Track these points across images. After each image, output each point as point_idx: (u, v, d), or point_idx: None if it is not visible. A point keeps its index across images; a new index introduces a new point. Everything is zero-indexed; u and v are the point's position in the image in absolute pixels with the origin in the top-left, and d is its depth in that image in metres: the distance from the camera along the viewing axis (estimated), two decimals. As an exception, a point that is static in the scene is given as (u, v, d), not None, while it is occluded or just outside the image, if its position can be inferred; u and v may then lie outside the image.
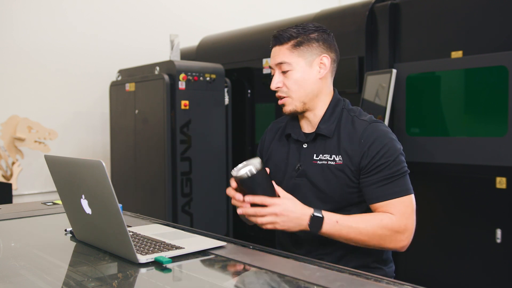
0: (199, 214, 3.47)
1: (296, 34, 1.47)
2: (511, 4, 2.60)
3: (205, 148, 3.51)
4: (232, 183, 1.37)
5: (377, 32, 3.11)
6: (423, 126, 2.97)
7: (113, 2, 4.60)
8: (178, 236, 1.42)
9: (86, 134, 4.46)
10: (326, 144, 1.47)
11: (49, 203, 2.02)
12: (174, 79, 3.37)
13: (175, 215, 3.37)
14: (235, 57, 4.10)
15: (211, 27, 4.95)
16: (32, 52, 4.10)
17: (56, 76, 4.23)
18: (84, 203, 1.26)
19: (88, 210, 1.26)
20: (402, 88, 2.99)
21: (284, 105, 1.51)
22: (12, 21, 4.01)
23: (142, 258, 1.17)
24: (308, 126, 1.54)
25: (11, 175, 3.76)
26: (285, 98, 1.49)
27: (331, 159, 1.45)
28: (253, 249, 1.32)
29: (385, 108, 2.86)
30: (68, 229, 1.53)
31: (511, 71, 2.56)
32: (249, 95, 4.02)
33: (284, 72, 1.48)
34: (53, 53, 4.21)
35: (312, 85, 1.48)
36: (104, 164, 1.12)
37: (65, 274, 1.16)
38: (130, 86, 3.70)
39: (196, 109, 3.45)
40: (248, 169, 1.28)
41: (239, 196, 1.34)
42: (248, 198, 1.31)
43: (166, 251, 1.23)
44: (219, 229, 3.55)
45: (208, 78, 3.51)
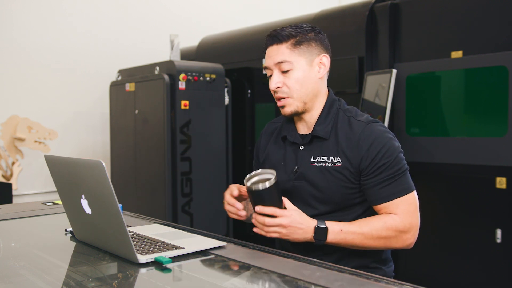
0: (199, 214, 3.47)
1: (295, 33, 1.43)
2: (511, 4, 2.60)
3: (205, 148, 3.51)
4: (235, 192, 1.41)
5: (377, 32, 3.11)
6: (423, 126, 2.97)
7: (113, 2, 4.60)
8: (178, 236, 1.42)
9: (86, 134, 4.46)
10: (323, 146, 1.46)
11: (49, 203, 2.02)
12: (174, 79, 3.37)
13: (175, 215, 3.37)
14: (235, 57, 4.10)
15: (211, 27, 4.96)
16: (32, 52, 4.10)
17: (56, 76, 4.23)
18: (84, 203, 1.26)
19: (88, 210, 1.26)
20: (402, 88, 2.99)
21: (284, 107, 1.46)
22: (12, 21, 4.01)
23: (142, 258, 1.17)
24: (304, 128, 1.52)
25: (11, 175, 3.76)
26: (286, 99, 1.45)
27: (330, 161, 1.43)
28: (253, 249, 1.32)
29: (385, 108, 2.86)
30: (68, 229, 1.53)
31: (511, 71, 2.56)
32: (249, 95, 4.02)
33: (284, 72, 1.44)
34: (53, 53, 4.21)
35: (313, 85, 1.46)
36: (104, 164, 1.12)
37: (65, 274, 1.16)
38: (130, 86, 3.70)
39: (196, 109, 3.45)
40: (268, 182, 1.29)
41: (240, 205, 1.39)
42: (259, 209, 1.31)
43: (166, 251, 1.23)
44: (219, 229, 3.55)
45: (208, 78, 3.51)
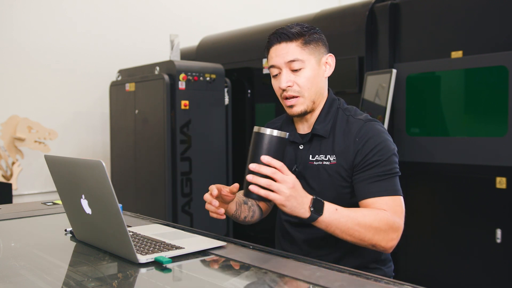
0: (199, 214, 3.47)
1: (304, 32, 1.41)
2: (511, 4, 2.60)
3: (205, 148, 3.51)
4: (214, 191, 1.32)
5: (377, 32, 3.11)
6: (423, 126, 2.97)
7: (113, 2, 4.61)
8: (178, 236, 1.42)
9: (86, 134, 4.46)
10: (322, 144, 1.46)
11: (49, 203, 2.02)
12: (174, 79, 3.37)
13: (175, 215, 3.37)
14: (235, 57, 4.10)
15: (211, 27, 4.96)
16: (32, 52, 4.10)
17: (56, 76, 4.23)
18: (84, 203, 1.26)
19: (88, 210, 1.26)
20: (402, 88, 2.99)
21: (294, 106, 1.44)
22: (12, 21, 4.01)
23: (142, 258, 1.17)
24: (304, 127, 1.52)
25: (11, 175, 3.76)
26: (298, 98, 1.42)
27: (326, 159, 1.43)
28: (253, 249, 1.32)
29: (385, 108, 2.86)
30: (68, 229, 1.53)
31: (511, 71, 2.56)
32: (249, 95, 4.02)
33: (294, 71, 1.41)
34: (53, 53, 4.21)
35: (321, 84, 1.46)
36: (104, 164, 1.12)
37: (65, 274, 1.16)
38: (130, 86, 3.70)
39: (196, 109, 3.45)
40: (282, 133, 1.22)
41: (216, 203, 1.33)
42: (266, 159, 1.19)
43: (166, 251, 1.23)
44: (219, 229, 3.55)
45: (208, 78, 3.51)
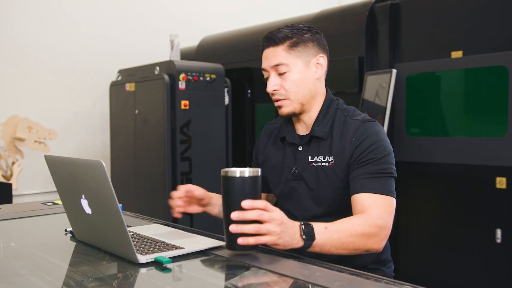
0: (199, 214, 3.43)
1: (291, 34, 1.42)
2: (511, 4, 2.60)
3: (205, 148, 3.51)
4: (180, 191, 1.42)
5: (377, 32, 3.11)
6: (423, 126, 2.97)
7: (113, 2, 4.60)
8: (178, 236, 1.42)
9: (86, 134, 4.46)
10: (320, 146, 1.46)
11: (49, 203, 2.02)
12: (174, 79, 3.37)
13: (175, 215, 3.37)
14: (235, 57, 4.10)
15: (211, 27, 4.96)
16: (32, 52, 4.10)
17: (56, 76, 4.23)
18: (84, 203, 1.26)
19: (88, 210, 1.26)
20: (402, 88, 2.99)
21: (281, 107, 1.46)
22: (12, 21, 4.01)
23: (142, 258, 1.17)
24: (303, 128, 1.52)
25: (11, 175, 3.76)
26: (283, 100, 1.45)
27: (325, 161, 1.43)
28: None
29: (385, 108, 2.86)
30: (68, 229, 1.53)
31: (511, 71, 2.56)
32: (249, 95, 4.02)
33: (281, 74, 1.43)
34: (53, 53, 4.21)
35: (310, 86, 1.46)
36: (104, 164, 1.12)
37: (65, 274, 1.16)
38: (130, 86, 3.70)
39: (196, 109, 3.45)
40: (254, 170, 1.15)
41: (180, 202, 1.42)
42: (248, 203, 1.12)
43: (166, 251, 1.23)
44: (219, 229, 3.54)
45: (208, 78, 3.51)
